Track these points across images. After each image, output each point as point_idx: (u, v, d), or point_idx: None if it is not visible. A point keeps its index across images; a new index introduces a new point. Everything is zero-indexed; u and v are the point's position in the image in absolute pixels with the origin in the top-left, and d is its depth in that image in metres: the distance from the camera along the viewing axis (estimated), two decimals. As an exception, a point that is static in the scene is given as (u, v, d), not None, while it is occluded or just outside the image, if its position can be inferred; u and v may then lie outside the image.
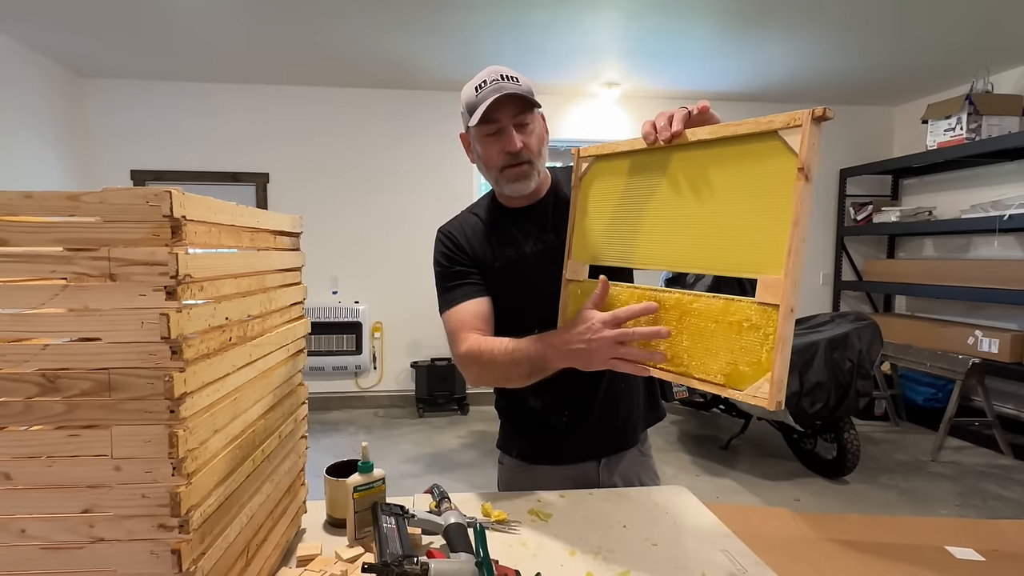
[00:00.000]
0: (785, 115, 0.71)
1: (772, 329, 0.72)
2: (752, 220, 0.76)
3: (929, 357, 3.72)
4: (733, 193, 0.78)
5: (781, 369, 0.71)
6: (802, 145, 0.69)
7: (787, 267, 0.71)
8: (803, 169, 0.69)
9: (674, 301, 0.85)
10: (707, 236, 0.81)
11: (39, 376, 0.54)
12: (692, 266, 0.85)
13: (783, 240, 0.71)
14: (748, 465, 3.36)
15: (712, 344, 0.78)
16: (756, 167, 0.75)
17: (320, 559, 0.85)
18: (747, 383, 0.74)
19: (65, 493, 0.55)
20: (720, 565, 0.87)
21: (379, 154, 4.49)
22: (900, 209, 4.36)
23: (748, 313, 0.75)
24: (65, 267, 0.54)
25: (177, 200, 0.54)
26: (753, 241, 0.75)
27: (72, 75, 4.04)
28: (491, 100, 0.98)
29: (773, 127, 0.72)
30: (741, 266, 0.77)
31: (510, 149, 1.02)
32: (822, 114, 0.68)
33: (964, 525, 2.44)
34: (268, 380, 0.79)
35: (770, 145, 0.73)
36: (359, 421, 4.27)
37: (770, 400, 0.71)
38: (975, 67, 3.78)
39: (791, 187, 0.71)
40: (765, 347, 0.72)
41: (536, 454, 1.20)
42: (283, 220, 0.85)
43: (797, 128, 0.70)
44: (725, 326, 0.77)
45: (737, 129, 0.77)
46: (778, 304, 0.71)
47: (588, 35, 3.35)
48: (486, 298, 1.10)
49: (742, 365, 0.75)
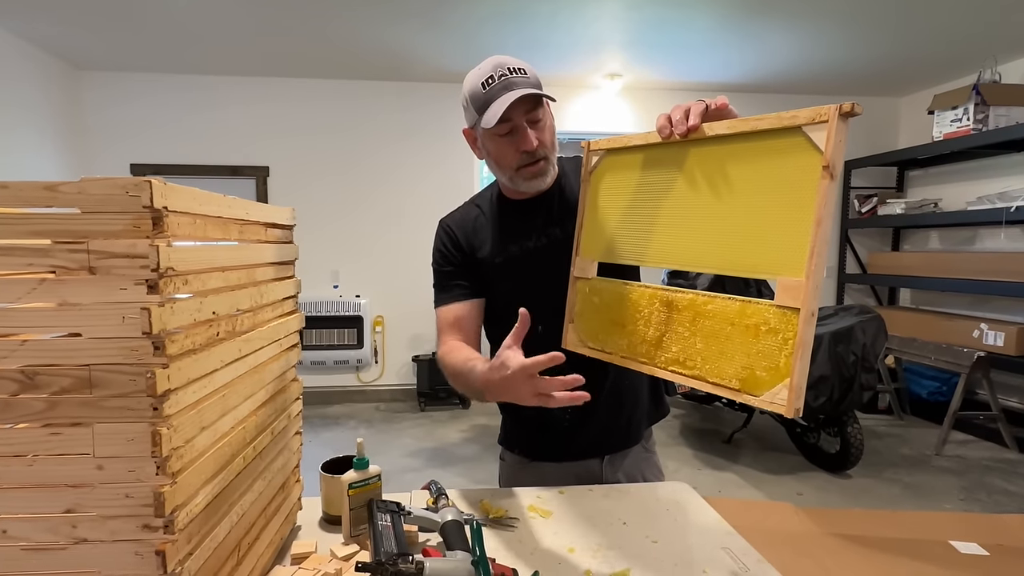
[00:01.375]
0: (810, 110, 0.68)
1: (792, 333, 0.69)
2: (772, 219, 0.73)
3: (934, 350, 3.69)
4: (752, 191, 0.75)
5: (800, 375, 0.68)
6: (828, 142, 0.66)
7: (809, 269, 0.68)
8: (828, 167, 0.67)
9: (687, 302, 0.82)
10: (724, 235, 0.78)
11: (18, 373, 0.53)
12: (707, 266, 0.82)
13: (805, 241, 0.68)
14: (751, 459, 3.34)
15: (727, 347, 0.75)
16: (777, 164, 0.72)
17: (315, 557, 0.83)
18: (764, 389, 0.71)
19: (47, 493, 0.54)
20: (722, 563, 0.85)
21: (380, 147, 4.47)
22: (905, 201, 4.32)
23: (766, 316, 0.72)
24: (43, 260, 0.52)
25: (158, 190, 0.52)
26: (773, 241, 0.72)
27: (70, 68, 4.01)
28: (506, 100, 0.93)
29: (797, 123, 0.69)
30: (760, 267, 0.74)
31: (526, 148, 0.99)
32: (850, 109, 0.65)
33: (968, 519, 2.43)
34: (259, 376, 0.77)
35: (793, 141, 0.70)
36: (360, 415, 4.27)
37: (788, 407, 0.69)
38: (982, 57, 3.73)
39: (814, 185, 0.68)
40: (784, 352, 0.70)
41: (538, 451, 1.18)
42: (274, 212, 0.83)
43: (823, 124, 0.67)
44: (742, 329, 0.74)
45: (758, 124, 0.74)
46: (799, 308, 0.68)
47: (591, 26, 3.32)
48: (472, 302, 1.10)
49: (759, 370, 0.72)
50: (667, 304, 0.86)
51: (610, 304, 0.96)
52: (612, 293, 0.96)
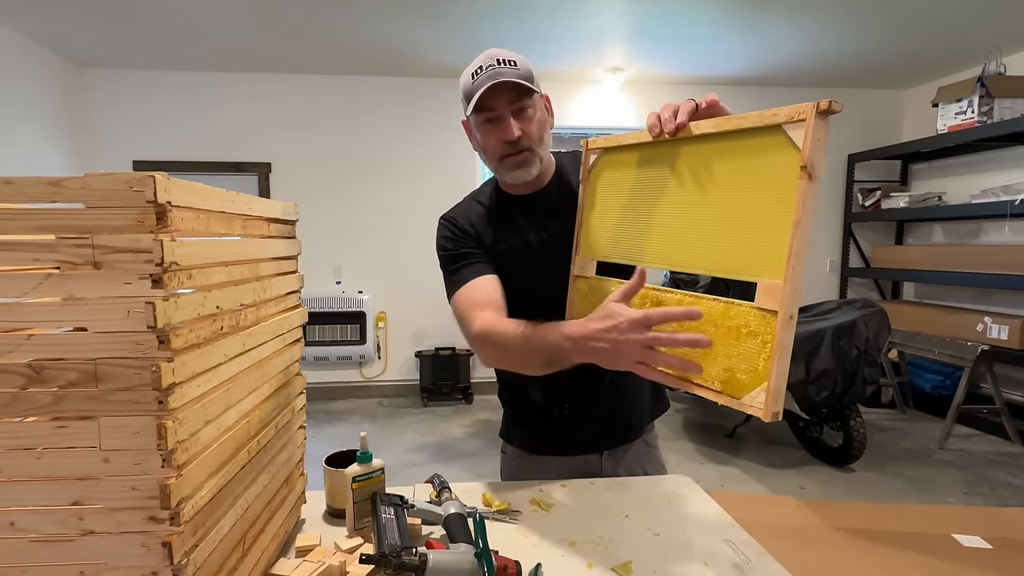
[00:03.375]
0: (789, 108, 0.67)
1: (770, 336, 0.68)
2: (752, 220, 0.72)
3: (937, 344, 3.68)
4: (734, 191, 0.75)
5: (778, 379, 0.68)
6: (805, 141, 0.65)
7: (787, 272, 0.67)
8: (806, 167, 0.66)
9: (675, 302, 0.82)
10: (708, 235, 0.78)
11: (25, 367, 0.53)
12: (695, 266, 0.82)
13: (784, 243, 0.68)
14: (753, 453, 3.35)
15: (711, 349, 0.75)
16: (758, 163, 0.72)
17: (319, 550, 0.84)
18: (744, 392, 0.71)
19: (54, 485, 0.55)
20: (723, 555, 0.85)
21: (381, 143, 4.47)
22: (909, 195, 4.30)
23: (747, 318, 0.72)
24: (48, 255, 0.52)
25: (161, 185, 0.52)
26: (753, 242, 0.72)
27: (73, 66, 4.02)
28: (485, 88, 0.94)
29: (776, 120, 0.69)
30: (741, 268, 0.74)
31: (507, 138, 0.99)
32: (827, 107, 0.64)
33: (972, 513, 2.43)
34: (263, 370, 0.77)
35: (773, 140, 0.70)
36: (363, 410, 4.29)
37: (765, 411, 0.68)
38: (987, 49, 3.69)
39: (793, 186, 0.67)
40: (762, 355, 0.69)
41: (538, 444, 1.19)
42: (277, 207, 0.84)
43: (801, 122, 0.66)
44: (724, 331, 0.74)
45: (740, 123, 0.73)
46: (777, 310, 0.68)
47: (592, 20, 3.30)
48: (495, 276, 1.05)
49: (739, 373, 0.72)
50: (657, 304, 0.86)
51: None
52: (608, 292, 0.95)
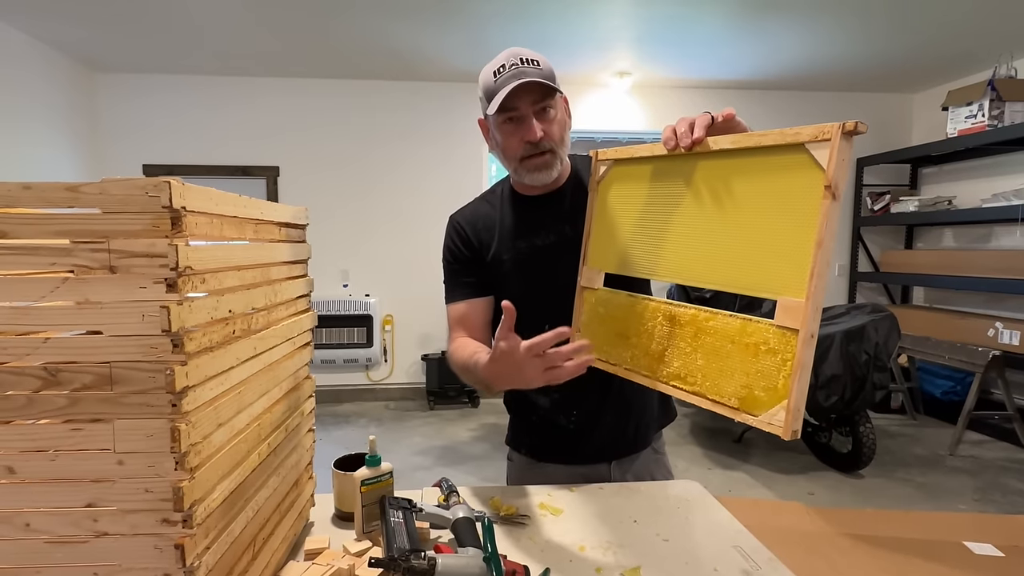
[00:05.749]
0: (813, 128, 0.68)
1: (791, 355, 0.68)
2: (774, 238, 0.72)
3: (948, 349, 3.65)
4: (755, 208, 0.75)
5: (798, 397, 0.68)
6: (830, 161, 0.66)
7: (809, 291, 0.67)
8: (830, 187, 0.66)
9: (689, 317, 0.82)
10: (726, 252, 0.78)
11: (41, 370, 0.54)
12: (710, 282, 0.81)
13: (806, 261, 0.68)
14: (761, 458, 3.33)
15: (727, 365, 0.75)
16: (780, 181, 0.72)
17: (328, 552, 0.84)
18: (762, 409, 0.71)
19: (69, 487, 0.55)
20: (733, 561, 0.85)
21: (389, 146, 4.49)
22: (919, 199, 4.27)
23: (766, 336, 0.71)
24: (65, 259, 0.53)
25: (176, 191, 0.53)
26: (774, 260, 0.72)
27: (86, 69, 4.07)
28: (510, 87, 0.94)
29: (800, 139, 0.69)
30: (760, 286, 0.74)
31: (530, 139, 0.98)
32: (853, 128, 0.64)
33: (983, 520, 2.40)
34: (274, 373, 0.78)
35: (796, 159, 0.70)
36: (370, 413, 4.29)
37: (785, 429, 0.68)
38: (997, 52, 3.67)
39: (817, 205, 0.67)
40: (782, 373, 0.69)
41: (545, 452, 1.18)
42: (288, 211, 0.84)
43: (825, 142, 0.66)
44: (742, 348, 0.74)
45: (761, 140, 0.73)
46: (798, 329, 0.68)
47: (599, 24, 3.31)
48: (481, 299, 1.11)
49: (757, 390, 0.72)
50: (670, 319, 0.86)
51: (615, 316, 0.96)
52: (618, 305, 0.96)
